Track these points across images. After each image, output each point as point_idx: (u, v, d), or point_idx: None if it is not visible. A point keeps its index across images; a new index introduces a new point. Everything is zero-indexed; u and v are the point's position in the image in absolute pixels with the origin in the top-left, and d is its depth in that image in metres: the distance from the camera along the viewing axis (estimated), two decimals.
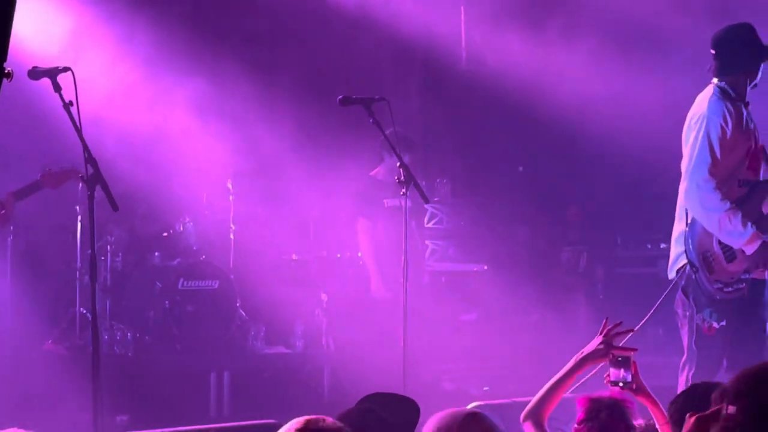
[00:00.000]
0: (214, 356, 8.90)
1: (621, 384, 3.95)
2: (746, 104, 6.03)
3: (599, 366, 4.17)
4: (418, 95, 12.60)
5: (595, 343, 4.08)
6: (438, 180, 11.14)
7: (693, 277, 5.90)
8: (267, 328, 9.41)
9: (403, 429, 3.62)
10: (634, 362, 4.00)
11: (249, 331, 9.28)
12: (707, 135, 5.87)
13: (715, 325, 5.87)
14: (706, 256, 5.91)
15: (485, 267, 10.88)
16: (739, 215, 5.79)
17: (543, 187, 12.06)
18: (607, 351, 4.04)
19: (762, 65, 6.01)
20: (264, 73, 10.43)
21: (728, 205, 5.80)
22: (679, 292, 6.00)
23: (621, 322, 4.13)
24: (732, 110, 5.90)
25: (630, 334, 4.21)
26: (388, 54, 11.87)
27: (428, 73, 12.42)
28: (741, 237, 5.79)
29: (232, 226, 9.58)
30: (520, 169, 12.52)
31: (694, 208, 5.88)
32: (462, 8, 11.79)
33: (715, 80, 6.04)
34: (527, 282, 10.72)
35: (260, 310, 9.43)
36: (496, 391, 9.54)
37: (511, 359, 10.01)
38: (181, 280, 8.97)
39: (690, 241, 5.96)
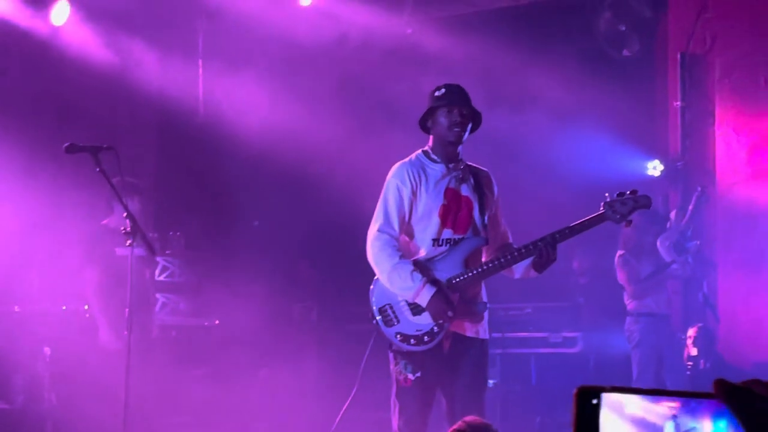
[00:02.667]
0: None
1: None
2: (451, 164, 6.15)
3: None
4: (153, 146, 12.45)
5: None
6: (171, 232, 11.01)
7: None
8: None
9: None
10: None
11: None
12: (384, 196, 6.10)
13: (410, 376, 6.01)
14: (384, 309, 6.06)
15: (216, 321, 10.80)
16: (408, 269, 5.91)
17: (277, 242, 12.10)
18: None
19: (458, 122, 6.05)
20: None
21: (396, 260, 5.93)
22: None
23: None
24: (413, 173, 6.07)
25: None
26: (124, 103, 11.70)
27: (164, 125, 12.31)
28: (409, 290, 5.93)
29: None
30: (256, 223, 12.52)
31: (371, 264, 6.04)
32: (200, 61, 11.77)
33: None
34: (258, 337, 10.70)
35: None
36: None
37: (239, 415, 9.96)
38: None
39: (372, 292, 6.12)
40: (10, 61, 10.59)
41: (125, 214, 6.60)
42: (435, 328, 5.96)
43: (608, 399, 1.28)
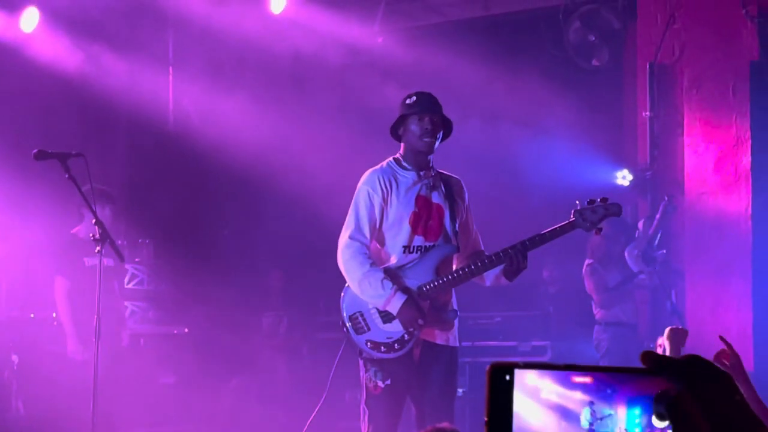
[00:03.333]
0: None
1: None
2: (422, 171, 6.16)
3: None
4: (122, 154, 12.40)
5: None
6: (140, 240, 10.96)
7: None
8: None
9: None
10: None
11: None
12: (355, 203, 6.09)
13: (380, 384, 6.00)
14: (354, 316, 6.06)
15: (186, 330, 10.76)
16: (379, 277, 5.92)
17: (247, 251, 12.07)
18: None
19: (428, 131, 6.04)
20: None
21: (367, 268, 5.93)
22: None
23: None
24: (384, 180, 6.08)
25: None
26: (93, 111, 11.64)
27: (133, 133, 12.26)
28: (380, 298, 5.93)
29: None
30: (225, 232, 12.49)
31: (342, 272, 6.04)
32: (170, 68, 11.74)
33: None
34: (228, 346, 10.67)
35: None
36: None
37: (209, 423, 9.92)
38: None
39: (343, 300, 6.11)
40: None
41: (94, 221, 6.57)
42: (405, 335, 5.97)
43: (524, 383, 1.30)
